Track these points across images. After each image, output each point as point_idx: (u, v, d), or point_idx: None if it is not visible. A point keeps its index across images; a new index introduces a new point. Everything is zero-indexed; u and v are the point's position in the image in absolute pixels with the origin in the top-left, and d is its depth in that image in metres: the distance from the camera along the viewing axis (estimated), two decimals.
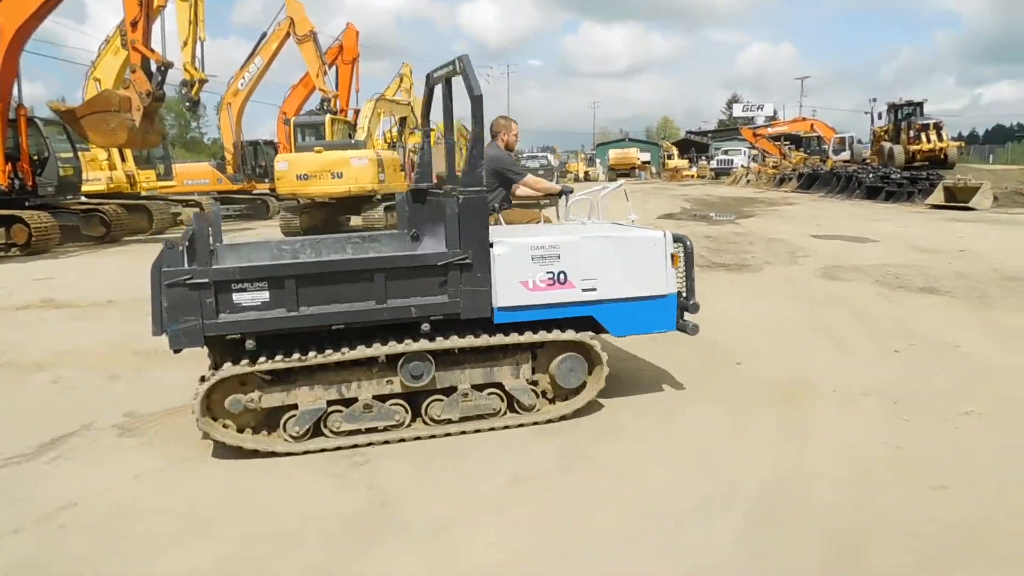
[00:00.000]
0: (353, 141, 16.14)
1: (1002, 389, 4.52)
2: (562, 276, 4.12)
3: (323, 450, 3.81)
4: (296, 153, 15.71)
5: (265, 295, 3.66)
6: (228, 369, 3.68)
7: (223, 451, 3.79)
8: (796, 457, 3.58)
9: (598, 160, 63.24)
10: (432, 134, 5.68)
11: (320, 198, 15.34)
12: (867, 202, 21.68)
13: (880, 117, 31.70)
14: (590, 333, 4.21)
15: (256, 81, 23.75)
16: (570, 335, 4.14)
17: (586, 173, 59.24)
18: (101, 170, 18.76)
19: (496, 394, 4.12)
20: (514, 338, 4.05)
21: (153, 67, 14.50)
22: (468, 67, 4.10)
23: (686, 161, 59.42)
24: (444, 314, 3.93)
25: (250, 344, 3.70)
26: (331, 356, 3.79)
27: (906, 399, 4.37)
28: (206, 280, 3.54)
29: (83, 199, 16.97)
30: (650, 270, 4.36)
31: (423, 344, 3.90)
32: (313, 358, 3.77)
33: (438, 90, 4.85)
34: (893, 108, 30.62)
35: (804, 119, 44.74)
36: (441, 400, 4.04)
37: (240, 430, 3.84)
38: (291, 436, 3.83)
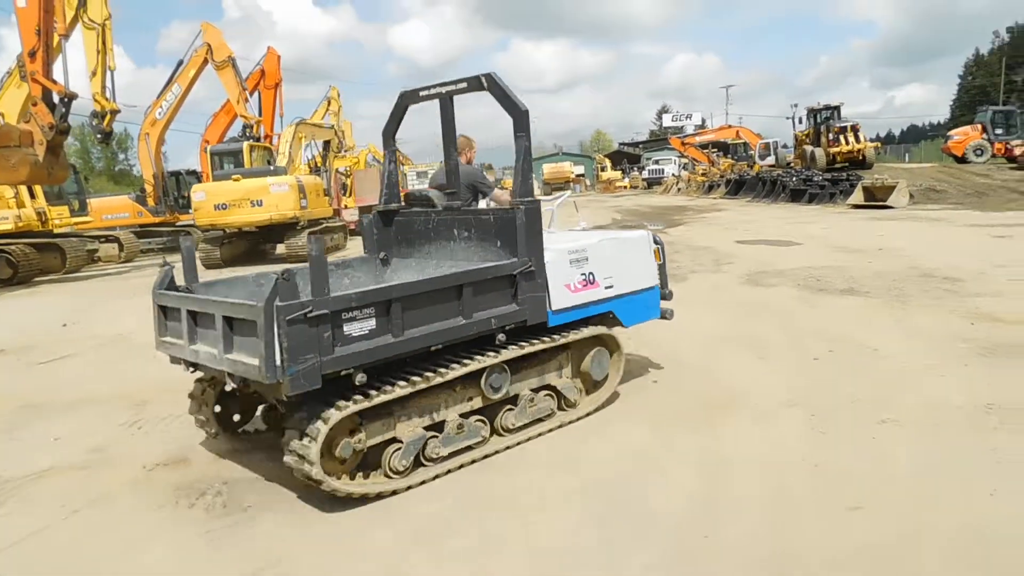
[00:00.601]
0: (272, 168, 15.69)
1: (918, 393, 4.47)
2: (592, 276, 4.54)
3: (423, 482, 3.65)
4: (213, 182, 15.17)
5: (372, 322, 3.46)
6: (346, 408, 3.34)
7: (95, 514, 3.43)
8: (713, 482, 3.42)
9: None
10: (362, 155, 5.66)
11: (239, 227, 14.82)
12: (792, 205, 22.15)
13: (801, 122, 32.69)
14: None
15: (174, 110, 22.96)
16: (601, 329, 4.53)
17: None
18: (8, 208, 17.79)
19: (549, 395, 4.35)
20: (572, 336, 4.35)
21: (56, 99, 13.85)
22: (503, 84, 4.26)
23: (619, 173, 60.22)
24: (515, 323, 4.07)
25: (361, 378, 3.44)
26: (446, 375, 3.70)
27: (824, 410, 4.28)
28: (325, 311, 3.24)
29: None
30: (643, 266, 4.97)
31: (511, 352, 4.01)
32: (424, 381, 3.62)
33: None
34: (812, 112, 31.58)
35: (730, 127, 45.78)
36: (512, 409, 4.12)
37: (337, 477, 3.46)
38: (396, 472, 3.60)
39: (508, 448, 4.01)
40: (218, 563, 3.04)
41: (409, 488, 3.60)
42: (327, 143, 19.86)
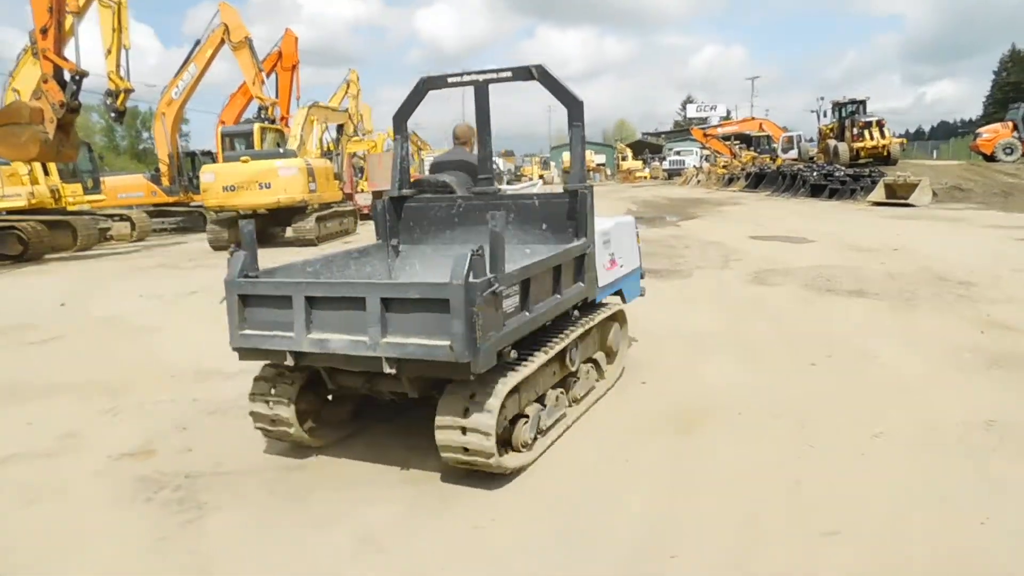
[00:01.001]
0: (282, 150, 15.58)
1: (915, 405, 4.24)
2: (613, 257, 4.99)
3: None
4: (222, 164, 15.10)
5: (516, 300, 3.53)
6: (506, 383, 3.40)
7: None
8: (681, 502, 3.23)
9: (552, 163, 63.06)
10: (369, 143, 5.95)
11: (247, 210, 14.75)
12: (812, 200, 21.74)
13: (826, 115, 32.06)
14: None
15: (190, 90, 22.92)
16: (621, 304, 5.11)
17: (541, 176, 59.08)
18: (22, 185, 17.86)
19: (591, 367, 4.63)
20: (615, 309, 4.91)
21: (67, 76, 13.81)
22: (555, 75, 4.50)
23: (640, 163, 59.69)
24: (583, 300, 4.41)
25: (515, 354, 3.47)
26: (556, 348, 3.89)
27: (815, 421, 4.07)
28: (502, 288, 3.28)
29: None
30: (633, 248, 5.52)
31: (585, 326, 4.35)
32: (548, 353, 3.80)
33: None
34: (837, 106, 30.97)
35: (753, 119, 45.13)
36: (577, 380, 4.36)
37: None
38: (524, 445, 3.66)
39: (581, 416, 4.28)
40: (158, 571, 2.92)
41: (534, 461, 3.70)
42: (341, 127, 19.74)
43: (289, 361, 3.53)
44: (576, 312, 4.37)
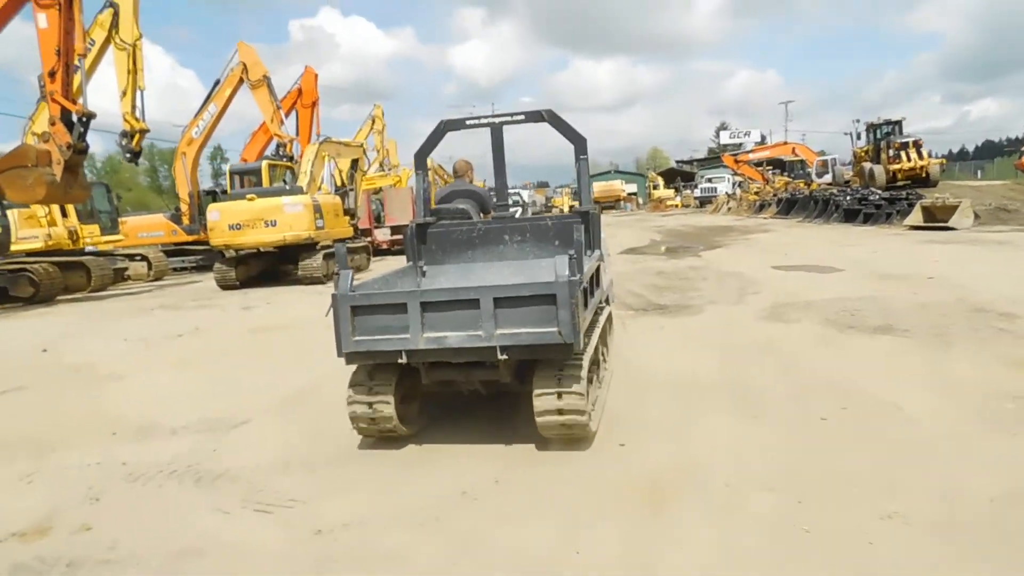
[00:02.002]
0: (287, 187, 15.29)
1: (941, 474, 3.50)
2: (605, 268, 5.81)
3: None
4: (228, 202, 14.85)
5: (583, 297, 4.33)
6: (587, 357, 4.31)
7: None
8: None
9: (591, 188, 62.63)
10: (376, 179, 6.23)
11: (253, 248, 14.43)
12: (845, 226, 20.78)
13: (860, 138, 31.08)
14: None
15: (211, 129, 23.00)
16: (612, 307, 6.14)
17: (571, 207, 58.67)
18: (40, 226, 17.89)
19: (603, 356, 5.27)
20: (613, 307, 6.16)
21: (75, 118, 13.74)
22: (561, 118, 5.36)
23: (671, 191, 58.92)
24: (604, 299, 5.65)
25: (585, 342, 4.32)
26: (597, 331, 4.95)
27: (816, 495, 3.36)
28: (585, 285, 4.38)
29: (12, 258, 16.09)
30: (608, 260, 6.26)
31: (602, 321, 5.25)
32: (593, 340, 4.66)
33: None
34: (872, 128, 30.03)
35: (786, 143, 44.12)
36: (598, 367, 4.97)
37: None
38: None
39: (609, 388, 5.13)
40: None
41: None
42: (355, 161, 19.45)
43: (403, 359, 4.05)
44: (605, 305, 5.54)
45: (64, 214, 18.52)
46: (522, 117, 5.51)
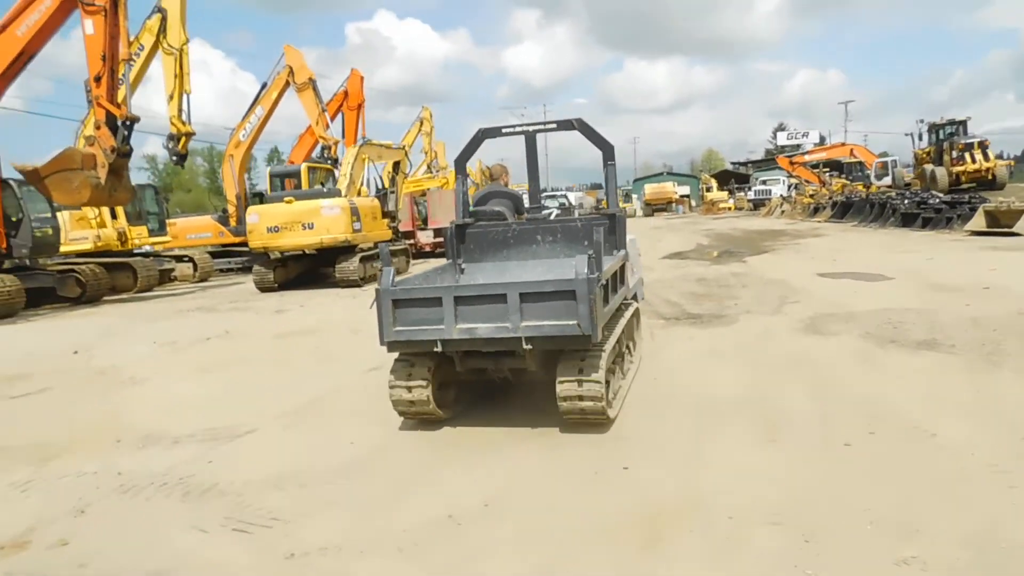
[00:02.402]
0: (325, 189, 15.34)
1: (969, 515, 3.14)
2: (632, 267, 6.22)
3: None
4: (267, 204, 14.98)
5: (603, 294, 4.70)
6: (607, 348, 4.70)
7: None
8: None
9: (634, 196, 61.90)
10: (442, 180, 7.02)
11: (291, 251, 14.51)
12: (902, 230, 19.88)
13: (921, 138, 29.89)
14: None
15: (258, 132, 23.30)
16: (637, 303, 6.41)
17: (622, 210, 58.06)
18: (90, 228, 18.40)
19: (627, 352, 5.71)
20: (634, 306, 6.16)
21: (119, 122, 14.03)
22: (590, 126, 5.80)
23: (725, 193, 57.74)
24: (633, 293, 6.15)
25: (605, 335, 4.73)
26: (621, 322, 5.37)
27: (827, 532, 3.05)
28: (604, 282, 4.61)
29: (63, 259, 16.56)
30: (638, 260, 6.84)
31: (628, 316, 5.64)
32: (616, 334, 5.10)
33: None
34: (934, 128, 28.86)
35: (844, 144, 42.75)
36: (623, 359, 5.44)
37: None
38: (611, 402, 4.80)
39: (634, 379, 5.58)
40: None
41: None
42: (397, 164, 19.49)
43: (438, 348, 4.44)
44: (622, 307, 5.55)
45: (114, 216, 19.06)
46: (554, 126, 6.01)
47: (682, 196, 62.21)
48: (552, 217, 6.87)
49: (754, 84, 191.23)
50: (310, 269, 15.62)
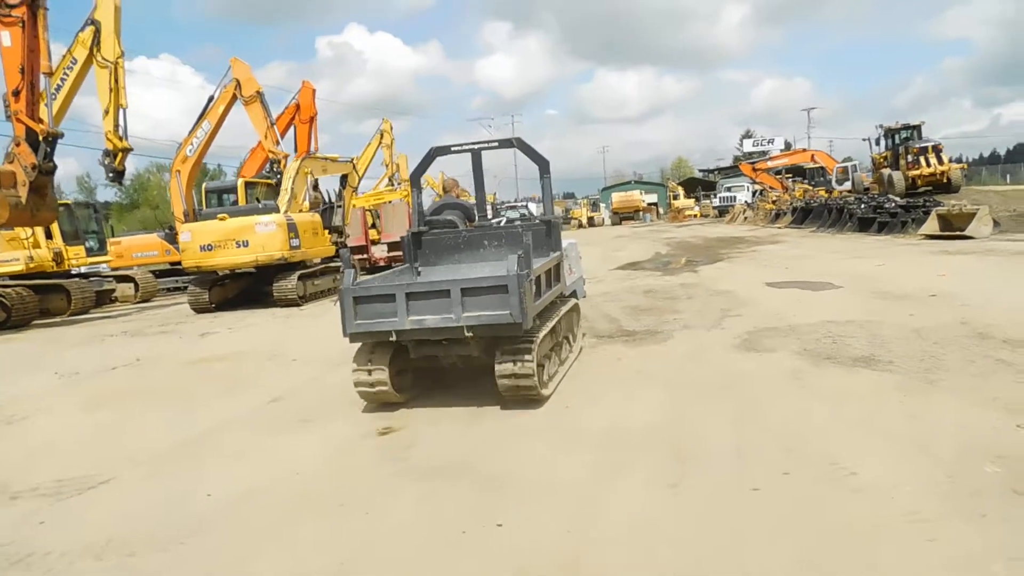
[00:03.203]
0: (261, 205, 14.71)
1: (888, 571, 2.68)
2: (570, 267, 6.80)
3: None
4: (199, 222, 14.31)
5: (535, 288, 5.46)
6: (538, 340, 5.36)
7: None
8: None
9: (602, 205, 61.72)
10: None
11: (225, 270, 13.86)
12: (858, 235, 19.73)
13: (879, 143, 29.89)
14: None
15: (205, 146, 22.38)
16: (575, 300, 6.96)
17: (590, 219, 57.80)
18: (22, 249, 17.54)
19: (565, 342, 6.46)
20: (572, 302, 6.78)
21: (41, 138, 13.29)
22: (527, 144, 6.53)
23: (692, 201, 57.78)
24: (560, 294, 6.38)
25: (538, 323, 5.48)
26: (558, 315, 6.16)
27: None
28: (532, 279, 5.24)
29: None
30: (578, 262, 7.46)
31: (570, 305, 6.65)
32: (552, 322, 5.89)
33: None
34: (890, 133, 28.89)
35: (805, 150, 42.97)
36: (560, 347, 6.24)
37: None
38: (545, 383, 5.56)
39: (572, 365, 6.37)
40: None
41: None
42: (344, 177, 18.86)
43: (393, 337, 5.16)
44: (557, 301, 6.24)
45: (49, 235, 18.20)
46: (496, 144, 6.77)
47: (650, 204, 62.15)
48: (497, 225, 7.55)
49: (723, 93, 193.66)
50: (251, 288, 14.96)
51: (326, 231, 17.46)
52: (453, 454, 4.49)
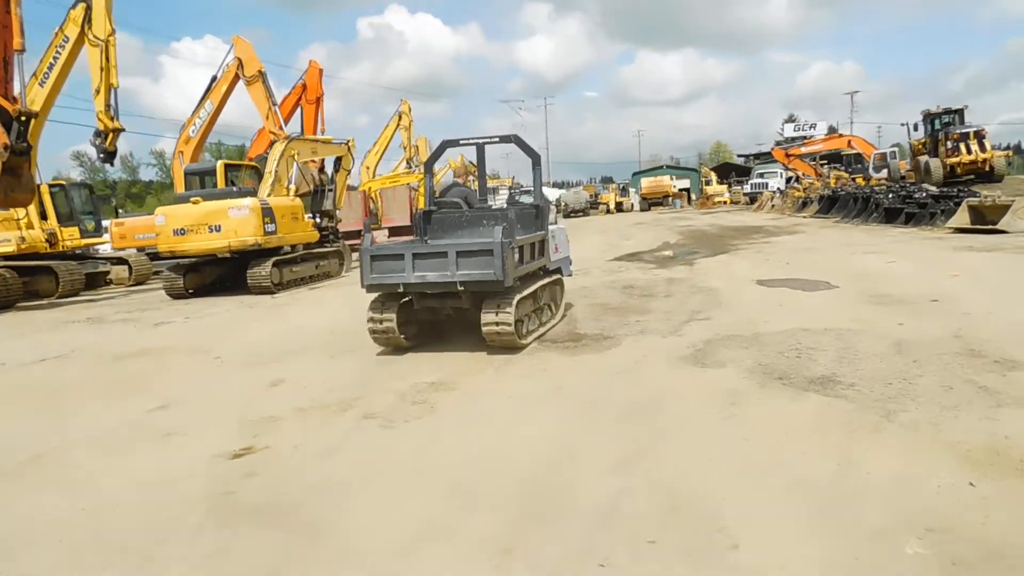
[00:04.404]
0: (236, 189, 14.14)
1: None
2: (556, 246, 8.10)
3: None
4: (173, 205, 13.81)
5: (519, 255, 6.81)
6: (518, 297, 6.60)
7: None
8: None
9: (631, 190, 60.24)
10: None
11: (197, 255, 13.34)
12: (883, 227, 18.45)
13: (917, 128, 28.25)
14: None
15: (208, 126, 22.04)
16: (559, 276, 8.19)
17: (619, 204, 56.44)
18: (16, 229, 17.32)
19: (549, 304, 7.75)
20: (558, 276, 8.12)
21: (15, 117, 12.91)
22: (523, 140, 7.76)
23: (724, 187, 56.06)
24: (544, 266, 7.62)
25: (519, 284, 6.77)
26: (539, 283, 7.46)
27: None
28: (514, 245, 6.52)
29: None
30: (566, 244, 8.61)
31: (552, 278, 7.87)
32: (533, 286, 7.22)
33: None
34: (929, 117, 27.24)
35: (841, 136, 41.16)
36: (541, 311, 7.45)
37: None
38: (524, 336, 6.85)
39: (553, 327, 7.60)
40: None
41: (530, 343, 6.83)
42: (338, 160, 18.24)
43: (400, 289, 6.54)
44: (541, 272, 7.47)
45: (44, 216, 18.00)
46: (497, 139, 7.80)
47: (681, 190, 60.40)
48: (494, 207, 8.66)
49: (768, 76, 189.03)
50: (229, 274, 14.44)
51: (317, 215, 16.91)
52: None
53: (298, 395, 5.74)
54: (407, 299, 6.84)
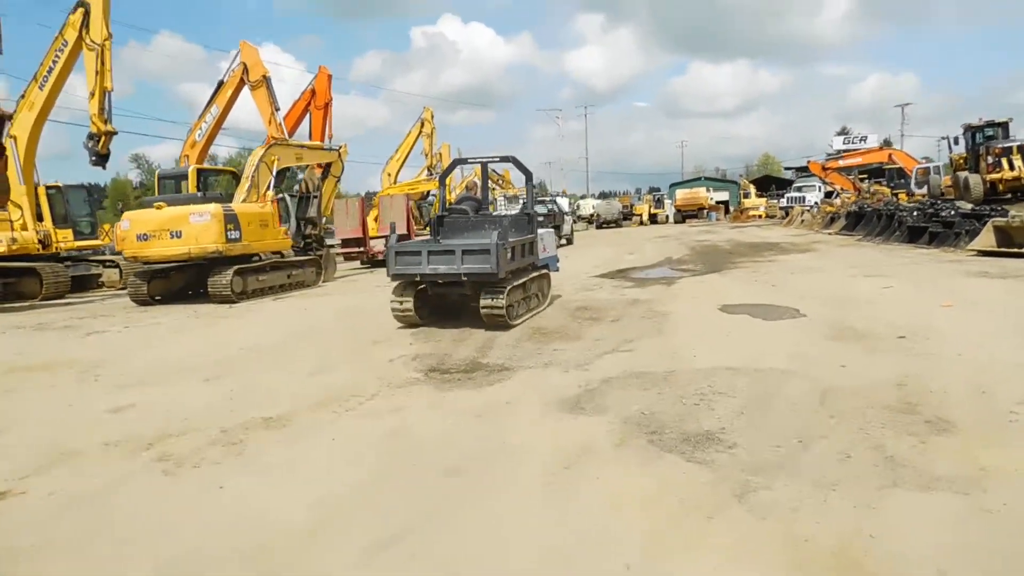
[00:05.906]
0: (201, 195, 13.72)
1: None
2: (544, 247, 9.93)
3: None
4: (138, 210, 13.45)
5: (511, 254, 8.56)
6: (510, 287, 8.32)
7: None
8: None
9: (667, 201, 58.82)
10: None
11: (159, 261, 12.94)
12: (905, 246, 17.14)
13: (956, 142, 26.52)
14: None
15: (214, 130, 22.00)
16: (547, 270, 10.09)
17: (653, 215, 55.13)
18: (6, 231, 17.27)
19: (537, 294, 9.51)
20: (545, 271, 9.95)
21: None
22: (518, 161, 9.81)
23: (763, 200, 54.28)
24: (533, 263, 9.44)
25: (510, 277, 8.54)
26: (527, 277, 9.33)
27: None
28: (507, 246, 8.31)
29: None
30: (553, 245, 10.54)
31: (539, 272, 9.67)
32: (523, 279, 9.10)
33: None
34: (970, 131, 25.50)
35: (881, 149, 39.29)
36: (530, 299, 9.21)
37: None
38: (514, 318, 8.57)
39: (542, 312, 9.38)
40: None
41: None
42: (327, 167, 17.77)
43: (417, 278, 8.41)
44: (530, 268, 9.30)
45: (40, 218, 17.95)
46: (497, 159, 10.14)
47: (719, 202, 58.79)
48: (496, 214, 11.07)
49: (821, 88, 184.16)
50: (196, 280, 13.99)
51: (300, 222, 16.43)
52: None
53: (125, 426, 5.13)
54: (422, 287, 8.56)
